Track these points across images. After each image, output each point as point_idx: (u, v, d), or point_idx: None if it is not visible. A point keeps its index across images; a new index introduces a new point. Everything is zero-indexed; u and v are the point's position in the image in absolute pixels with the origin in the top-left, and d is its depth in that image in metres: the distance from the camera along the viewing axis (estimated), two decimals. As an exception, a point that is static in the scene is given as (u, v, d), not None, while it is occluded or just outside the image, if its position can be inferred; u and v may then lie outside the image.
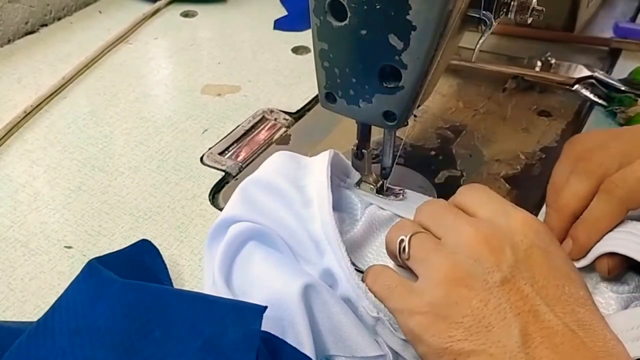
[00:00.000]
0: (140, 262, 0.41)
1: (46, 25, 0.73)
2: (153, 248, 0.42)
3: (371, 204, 0.44)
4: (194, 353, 0.30)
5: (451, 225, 0.33)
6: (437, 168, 0.50)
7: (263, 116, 0.57)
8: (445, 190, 0.48)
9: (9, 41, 0.69)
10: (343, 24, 0.36)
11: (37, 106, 0.58)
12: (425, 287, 0.31)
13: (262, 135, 0.55)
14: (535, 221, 0.33)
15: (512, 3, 0.38)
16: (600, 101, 0.56)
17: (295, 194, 0.39)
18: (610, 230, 0.37)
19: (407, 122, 0.41)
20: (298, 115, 0.58)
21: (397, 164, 0.50)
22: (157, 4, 0.76)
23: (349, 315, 0.35)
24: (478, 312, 0.29)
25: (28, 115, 0.57)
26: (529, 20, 0.39)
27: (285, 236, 0.39)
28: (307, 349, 0.33)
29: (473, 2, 0.37)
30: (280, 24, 0.73)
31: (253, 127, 0.56)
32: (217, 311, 0.32)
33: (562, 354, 0.28)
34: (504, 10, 0.38)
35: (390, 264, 0.37)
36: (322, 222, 0.38)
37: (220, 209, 0.45)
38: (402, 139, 0.50)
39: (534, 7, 0.38)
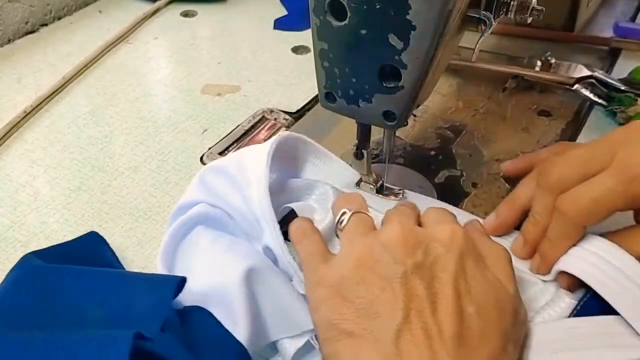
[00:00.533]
0: (84, 252, 0.41)
1: (46, 25, 0.73)
2: (99, 238, 0.42)
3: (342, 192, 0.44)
4: (100, 325, 0.31)
5: (389, 221, 0.35)
6: (437, 168, 0.50)
7: (263, 116, 0.57)
8: (445, 190, 0.48)
9: (9, 41, 0.69)
10: (343, 23, 0.36)
11: (37, 106, 0.58)
12: (338, 262, 0.34)
13: (262, 135, 0.55)
14: (460, 234, 0.33)
15: (511, 3, 0.38)
16: (600, 101, 0.56)
17: (242, 176, 0.40)
18: (574, 245, 0.37)
19: (407, 122, 0.41)
20: (298, 115, 0.58)
21: (397, 164, 0.50)
22: (157, 4, 0.76)
23: (295, 294, 0.36)
24: (373, 297, 0.31)
25: (28, 115, 0.57)
26: (529, 20, 0.39)
27: (238, 217, 0.40)
28: (241, 332, 0.34)
29: (473, 2, 0.37)
30: (280, 24, 0.73)
31: (253, 127, 0.56)
32: (128, 285, 0.34)
33: (428, 354, 0.29)
34: (504, 10, 0.38)
35: None
36: (259, 201, 0.38)
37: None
38: (402, 139, 0.50)
39: (533, 7, 0.38)
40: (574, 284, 0.37)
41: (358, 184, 0.45)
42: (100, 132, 0.55)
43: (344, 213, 0.37)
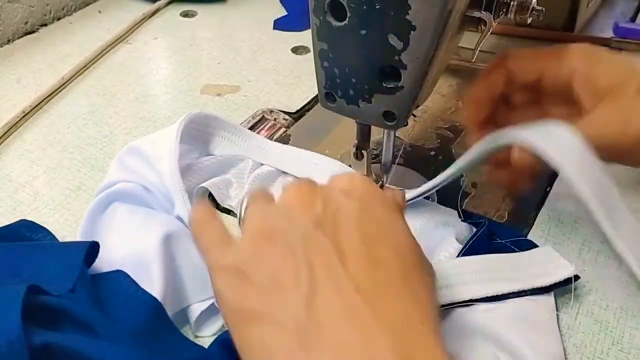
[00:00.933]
0: (17, 234, 0.41)
1: (46, 25, 0.73)
2: (32, 224, 0.42)
3: (261, 164, 0.47)
4: None
5: (288, 187, 0.32)
6: (437, 168, 0.50)
7: (263, 116, 0.57)
8: (445, 190, 0.48)
9: (8, 41, 0.69)
10: (343, 23, 0.36)
11: (36, 106, 0.58)
12: (239, 242, 0.30)
13: (262, 135, 0.54)
14: (359, 180, 0.31)
15: (511, 3, 0.38)
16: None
17: (154, 154, 0.43)
18: None
19: (407, 122, 0.41)
20: (298, 115, 0.58)
21: (397, 164, 0.50)
22: (157, 4, 0.76)
23: None
24: (275, 269, 0.27)
25: (27, 115, 0.57)
26: (529, 20, 0.39)
27: (155, 191, 0.42)
28: (157, 294, 0.35)
29: (473, 2, 0.37)
30: (280, 24, 0.73)
31: (253, 127, 0.55)
32: (39, 254, 0.34)
33: (343, 314, 0.25)
34: (504, 10, 0.38)
35: None
36: (170, 173, 0.41)
37: (221, 209, 0.45)
38: (402, 139, 0.50)
39: (533, 7, 0.38)
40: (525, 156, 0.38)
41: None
42: (100, 132, 0.55)
43: (242, 202, 0.32)
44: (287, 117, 0.57)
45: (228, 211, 0.46)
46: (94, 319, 0.30)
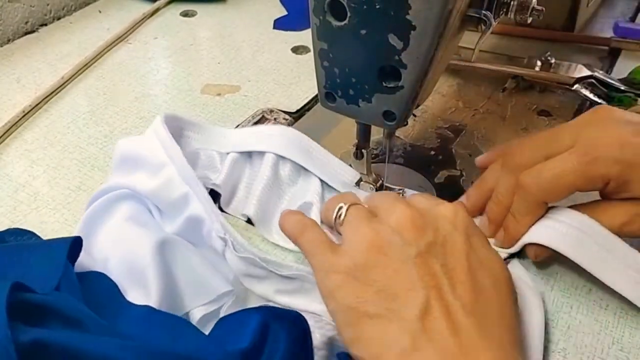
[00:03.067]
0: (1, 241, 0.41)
1: (46, 25, 0.73)
2: (18, 230, 0.42)
3: (229, 153, 0.47)
4: None
5: (388, 204, 0.35)
6: (437, 168, 0.50)
7: (263, 116, 0.57)
8: (445, 190, 0.48)
9: (8, 41, 0.69)
10: (343, 23, 0.36)
11: (36, 106, 0.58)
12: (348, 249, 0.34)
13: (262, 135, 0.54)
14: (462, 212, 0.34)
15: (512, 3, 0.38)
16: (600, 101, 0.56)
17: (153, 162, 0.43)
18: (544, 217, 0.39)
19: (407, 122, 0.41)
20: (298, 115, 0.58)
21: (397, 164, 0.50)
22: (157, 4, 0.76)
23: (207, 264, 0.38)
24: (389, 279, 0.31)
25: (27, 114, 0.57)
26: (529, 20, 0.39)
27: (152, 198, 0.42)
28: (154, 302, 0.35)
29: (473, 1, 0.37)
30: (280, 24, 0.73)
31: (253, 126, 0.55)
32: (22, 254, 0.34)
33: (452, 329, 0.29)
34: (504, 10, 0.38)
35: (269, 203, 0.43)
36: (183, 176, 0.41)
37: (221, 209, 0.45)
38: (402, 139, 0.50)
39: (534, 7, 0.38)
40: (541, 253, 0.39)
41: (358, 183, 0.45)
42: (100, 132, 0.55)
43: (340, 208, 0.37)
44: (287, 116, 0.57)
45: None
46: (81, 314, 0.30)
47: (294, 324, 0.32)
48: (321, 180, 0.45)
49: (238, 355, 0.30)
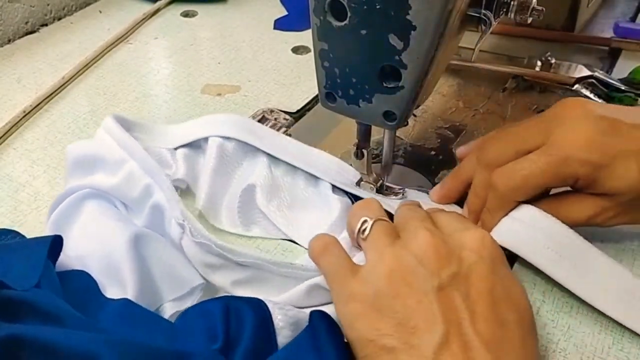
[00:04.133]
0: None
1: (46, 25, 0.73)
2: (3, 231, 0.42)
3: (176, 148, 0.48)
4: None
5: (413, 227, 0.34)
6: (437, 168, 0.50)
7: (263, 116, 0.57)
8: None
9: (9, 41, 0.69)
10: (343, 23, 0.36)
11: (37, 106, 0.58)
12: (369, 276, 0.33)
13: (262, 135, 0.54)
14: (489, 241, 0.34)
15: (512, 3, 0.38)
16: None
17: (113, 159, 0.44)
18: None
19: (407, 122, 0.41)
20: (298, 115, 0.58)
21: (397, 164, 0.50)
22: (157, 4, 0.76)
23: (180, 257, 0.38)
24: (410, 310, 0.30)
25: (28, 114, 0.57)
26: (529, 20, 0.39)
27: (117, 194, 0.42)
28: (130, 295, 0.35)
29: (473, 1, 0.37)
30: (280, 24, 0.73)
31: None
32: (4, 254, 0.34)
33: None
34: (504, 10, 0.38)
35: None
36: (142, 166, 0.42)
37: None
38: (402, 139, 0.50)
39: (534, 7, 0.38)
40: None
41: (358, 183, 0.45)
42: (100, 132, 0.55)
43: (365, 221, 0.36)
44: (287, 116, 0.57)
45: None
46: (60, 310, 0.30)
47: (256, 306, 0.33)
48: (268, 161, 0.46)
49: (211, 343, 0.30)
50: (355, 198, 0.44)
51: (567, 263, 0.38)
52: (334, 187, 0.45)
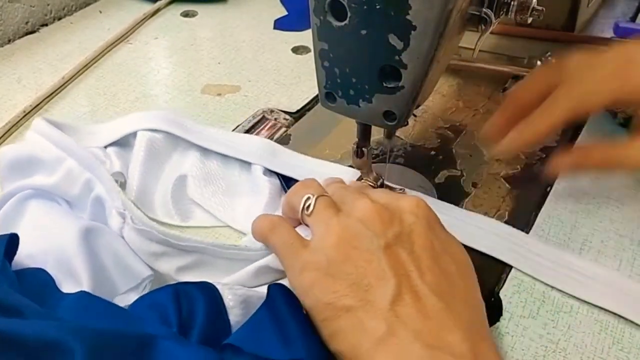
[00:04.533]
0: None
1: (46, 25, 0.73)
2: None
3: (106, 147, 0.48)
4: None
5: (352, 199, 0.37)
6: (437, 168, 0.50)
7: (263, 116, 0.57)
8: (445, 190, 0.48)
9: (9, 41, 0.69)
10: (343, 23, 0.36)
11: (37, 106, 0.58)
12: (319, 246, 0.35)
13: (262, 135, 0.55)
14: (423, 204, 0.36)
15: (512, 3, 0.38)
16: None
17: (46, 159, 0.44)
18: None
19: (407, 122, 0.41)
20: (298, 115, 0.58)
21: (397, 163, 0.50)
22: (157, 4, 0.76)
23: (128, 248, 0.39)
24: (361, 270, 0.33)
25: (28, 114, 0.57)
26: (529, 20, 0.39)
27: (57, 192, 0.42)
28: (86, 288, 0.35)
29: (473, 1, 0.37)
30: (280, 24, 0.73)
31: (253, 126, 0.56)
32: None
33: (423, 313, 0.31)
34: (504, 10, 0.38)
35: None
36: (81, 162, 0.43)
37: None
38: (402, 139, 0.50)
39: (534, 7, 0.38)
40: None
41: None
42: (100, 132, 0.55)
43: (308, 198, 0.37)
44: (287, 117, 0.57)
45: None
46: (19, 303, 0.30)
47: (205, 289, 0.33)
48: (200, 153, 0.47)
49: (166, 328, 0.31)
50: (285, 179, 0.47)
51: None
52: (266, 169, 0.47)
